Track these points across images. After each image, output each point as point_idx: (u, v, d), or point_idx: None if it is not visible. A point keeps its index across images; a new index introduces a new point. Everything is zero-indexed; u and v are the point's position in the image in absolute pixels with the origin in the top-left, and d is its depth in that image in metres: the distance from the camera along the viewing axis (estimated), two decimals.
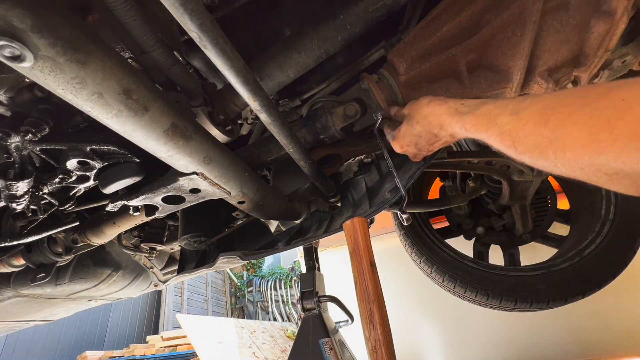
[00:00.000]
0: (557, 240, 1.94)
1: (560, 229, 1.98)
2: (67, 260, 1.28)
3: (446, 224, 2.25)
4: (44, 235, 1.04)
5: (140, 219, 1.13)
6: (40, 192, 0.81)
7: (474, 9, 0.75)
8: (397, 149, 0.85)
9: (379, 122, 0.86)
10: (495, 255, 2.04)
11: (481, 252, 2.07)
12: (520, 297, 1.63)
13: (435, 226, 2.11)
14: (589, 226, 1.70)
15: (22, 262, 1.19)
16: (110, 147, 0.76)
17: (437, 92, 0.82)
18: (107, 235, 1.18)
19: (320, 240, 1.42)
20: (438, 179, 2.19)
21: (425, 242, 1.95)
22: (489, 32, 0.72)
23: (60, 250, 1.19)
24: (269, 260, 13.90)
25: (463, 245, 2.02)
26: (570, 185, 1.95)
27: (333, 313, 1.96)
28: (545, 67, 0.72)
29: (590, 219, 1.72)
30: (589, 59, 0.69)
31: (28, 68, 0.45)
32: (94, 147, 0.75)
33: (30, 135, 0.68)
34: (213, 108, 0.87)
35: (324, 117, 0.90)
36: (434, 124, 0.72)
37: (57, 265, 1.24)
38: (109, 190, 0.82)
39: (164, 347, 6.40)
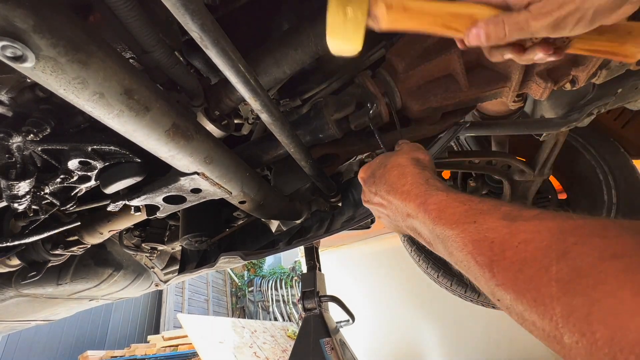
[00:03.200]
0: None
1: None
2: (61, 260, 1.28)
3: None
4: (45, 235, 1.05)
5: (135, 219, 1.13)
6: (42, 192, 0.82)
7: None
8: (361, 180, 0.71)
9: (372, 109, 0.84)
10: None
11: None
12: None
13: None
14: (595, 213, 1.68)
15: (17, 261, 1.19)
16: (112, 147, 0.76)
17: (436, 91, 0.82)
18: (102, 236, 1.18)
19: (321, 240, 1.42)
20: None
21: (432, 253, 1.94)
22: None
23: (55, 250, 1.19)
24: (269, 260, 13.90)
25: None
26: (564, 173, 1.93)
27: (334, 313, 1.97)
28: (543, 66, 0.72)
29: (593, 206, 1.70)
30: (587, 58, 0.69)
31: (30, 68, 0.45)
32: (95, 147, 0.75)
33: (31, 135, 0.69)
34: (208, 104, 0.87)
35: (320, 115, 0.90)
36: (394, 197, 0.56)
37: (50, 264, 1.24)
38: (111, 190, 0.82)
39: (165, 346, 6.41)
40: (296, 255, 11.15)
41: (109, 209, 0.90)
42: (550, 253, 0.29)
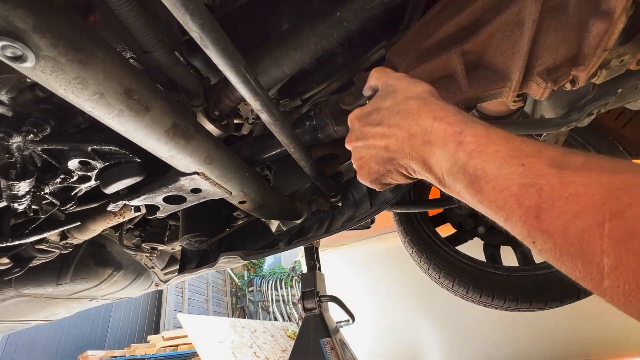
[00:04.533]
0: None
1: None
2: (48, 257, 1.28)
3: (452, 231, 2.20)
4: (45, 234, 1.05)
5: (124, 216, 1.13)
6: (42, 192, 0.82)
7: (473, 8, 0.75)
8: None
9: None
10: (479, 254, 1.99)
11: (493, 254, 2.02)
12: (550, 296, 1.59)
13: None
14: None
15: (6, 260, 1.19)
16: (112, 147, 0.76)
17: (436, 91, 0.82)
18: (91, 231, 1.18)
19: (321, 239, 1.42)
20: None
21: (439, 255, 1.92)
22: (488, 31, 0.72)
23: (43, 247, 1.19)
24: (269, 260, 13.90)
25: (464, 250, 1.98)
26: None
27: (334, 313, 1.97)
28: (543, 66, 0.72)
29: None
30: (587, 58, 0.69)
31: (30, 68, 0.45)
32: (95, 147, 0.75)
33: (31, 135, 0.69)
34: (208, 104, 0.87)
35: (320, 115, 0.90)
36: (414, 122, 0.50)
37: (35, 260, 1.23)
38: (111, 190, 0.82)
39: (165, 346, 6.41)
40: (296, 255, 11.15)
41: (108, 208, 0.90)
42: (604, 210, 0.30)
